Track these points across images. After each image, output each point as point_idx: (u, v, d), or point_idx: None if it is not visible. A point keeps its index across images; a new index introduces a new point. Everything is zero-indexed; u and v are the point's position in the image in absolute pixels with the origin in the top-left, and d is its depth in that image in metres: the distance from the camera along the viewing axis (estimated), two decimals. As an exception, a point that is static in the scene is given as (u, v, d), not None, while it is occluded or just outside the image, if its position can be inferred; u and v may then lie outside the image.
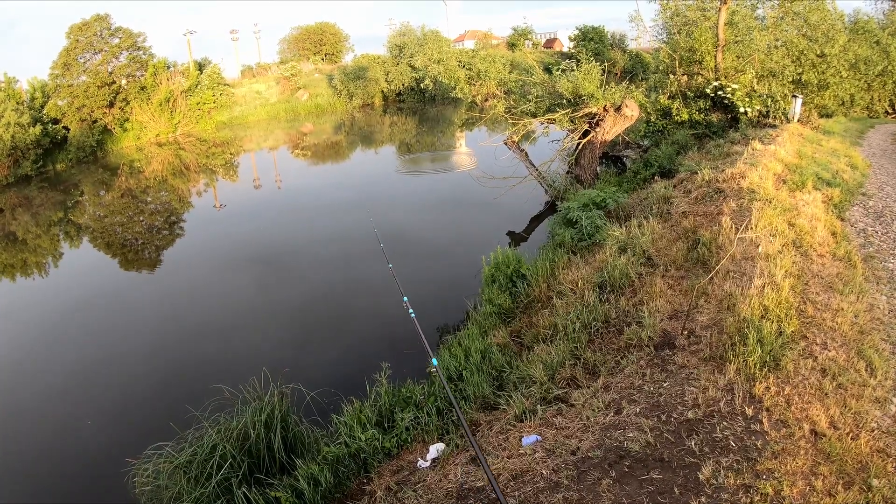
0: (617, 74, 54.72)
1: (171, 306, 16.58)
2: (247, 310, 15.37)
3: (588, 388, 6.95)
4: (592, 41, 75.17)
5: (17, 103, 48.73)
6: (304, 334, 13.36)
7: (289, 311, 14.88)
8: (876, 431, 5.35)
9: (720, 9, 24.78)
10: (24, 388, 12.80)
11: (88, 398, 12.03)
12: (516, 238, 18.36)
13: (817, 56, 25.45)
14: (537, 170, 22.79)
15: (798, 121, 22.69)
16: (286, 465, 7.44)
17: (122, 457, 7.71)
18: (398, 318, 13.40)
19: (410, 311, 7.96)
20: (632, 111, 20.73)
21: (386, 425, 7.89)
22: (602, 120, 21.00)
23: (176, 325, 15.14)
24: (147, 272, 20.34)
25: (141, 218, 28.68)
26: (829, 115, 27.57)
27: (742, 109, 22.82)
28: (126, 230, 26.62)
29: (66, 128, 52.04)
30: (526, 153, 24.34)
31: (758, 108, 23.01)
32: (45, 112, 51.54)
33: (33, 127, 46.68)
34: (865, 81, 30.88)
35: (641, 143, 25.58)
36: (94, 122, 53.89)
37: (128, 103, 56.37)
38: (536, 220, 20.05)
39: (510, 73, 27.63)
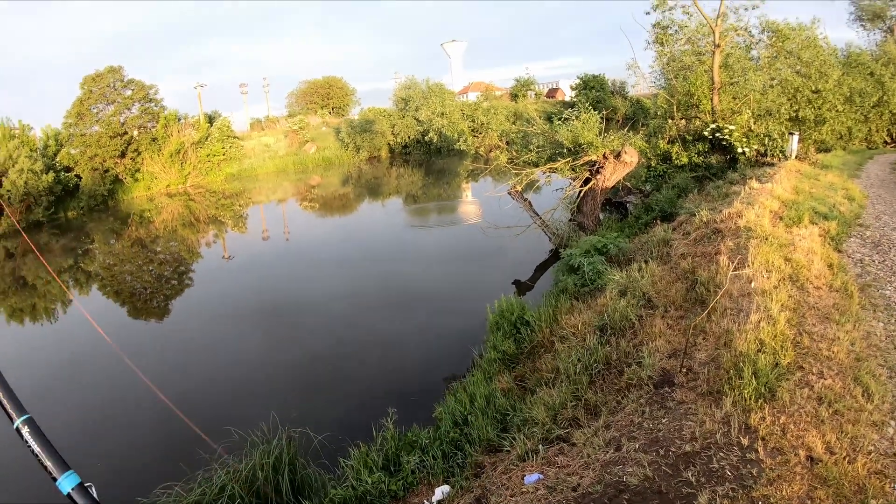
0: (619, 121, 55.20)
1: (181, 353, 16.84)
2: (255, 358, 15.56)
3: (589, 427, 7.04)
4: (594, 89, 76.01)
5: (31, 150, 49.81)
6: (312, 382, 13.49)
7: (297, 359, 15.04)
8: (873, 454, 5.42)
9: (714, 52, 25.20)
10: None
11: (98, 438, 12.16)
12: (522, 287, 18.48)
13: (812, 92, 25.78)
14: (541, 218, 23.01)
15: (796, 157, 22.93)
16: (294, 506, 7.53)
17: (132, 496, 7.80)
18: (404, 369, 13.56)
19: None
20: (631, 157, 20.97)
21: (392, 468, 7.98)
22: (602, 167, 21.23)
23: (185, 371, 15.36)
24: (155, 321, 20.59)
25: (150, 267, 29.26)
26: (827, 150, 27.80)
27: (740, 150, 23.09)
28: (136, 279, 27.13)
29: (78, 176, 53.19)
30: (529, 202, 24.62)
31: (755, 147, 23.27)
32: (58, 160, 52.78)
33: (46, 174, 47.65)
34: (862, 113, 31.19)
35: (643, 189, 25.79)
36: (106, 171, 55.16)
37: (139, 154, 57.61)
38: (541, 269, 20.17)
39: (513, 123, 28.03)
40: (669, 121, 26.56)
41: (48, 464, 1.18)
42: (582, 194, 21.82)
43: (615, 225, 20.93)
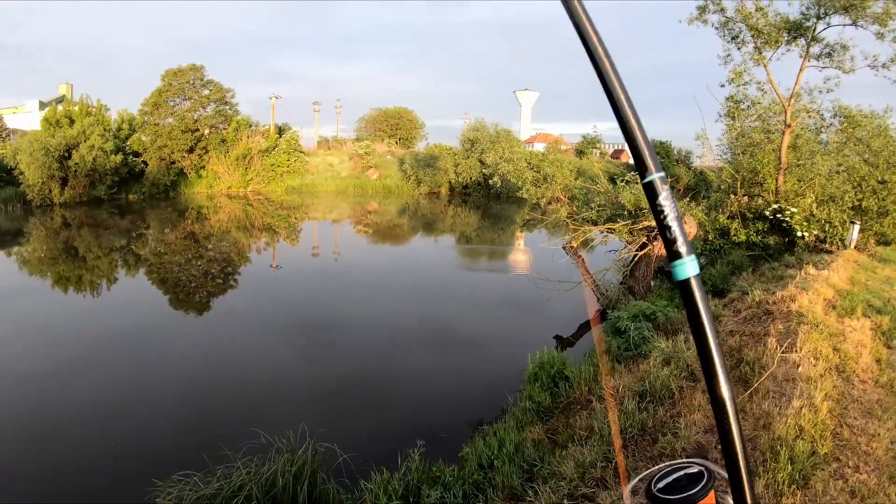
0: (680, 190, 55.01)
1: (215, 350, 17.13)
2: (290, 368, 15.76)
3: (616, 490, 7.04)
4: (658, 156, 75.42)
5: (105, 130, 52.01)
6: (343, 401, 13.58)
7: (331, 377, 15.20)
8: (899, 556, 5.38)
9: (784, 132, 25.09)
10: (62, 396, 13.30)
11: (123, 418, 12.40)
12: (563, 342, 18.41)
13: (878, 182, 25.42)
14: (592, 277, 22.96)
15: (855, 247, 22.66)
16: (307, 520, 7.58)
17: (149, 477, 7.92)
18: (435, 405, 13.59)
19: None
20: (690, 228, 20.91)
21: (412, 499, 7.99)
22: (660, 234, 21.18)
23: (219, 367, 15.64)
24: (195, 314, 21.12)
25: (199, 262, 29.99)
26: (887, 243, 27.28)
27: (800, 234, 22.88)
28: (183, 270, 27.93)
29: (145, 162, 56.31)
30: (583, 259, 24.58)
31: (815, 232, 23.05)
32: (128, 144, 55.70)
33: (115, 155, 49.87)
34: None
35: (698, 261, 25.59)
36: (172, 163, 57.93)
37: (207, 152, 60.13)
38: (585, 327, 20.03)
39: (576, 179, 28.12)
40: (732, 196, 26.44)
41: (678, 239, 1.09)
42: (636, 259, 21.78)
43: (665, 293, 20.78)
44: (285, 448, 8.28)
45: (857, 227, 23.05)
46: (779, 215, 23.56)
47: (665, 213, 1.51)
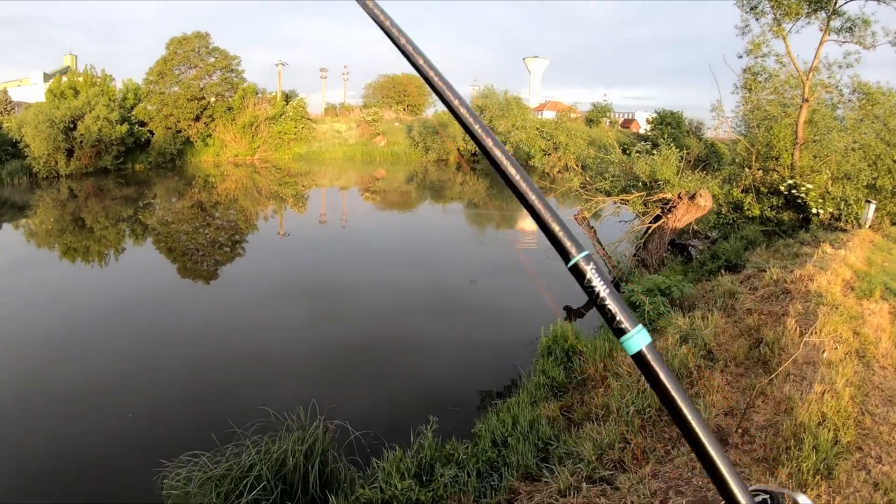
0: (690, 162, 54.67)
1: (224, 321, 17.04)
2: (299, 339, 15.63)
3: (635, 473, 6.93)
4: (670, 126, 75.33)
5: (110, 100, 51.93)
6: (352, 375, 13.45)
7: (339, 349, 15.05)
8: (923, 550, 5.29)
9: (801, 106, 24.74)
10: (67, 370, 13.31)
11: (129, 392, 12.32)
12: (573, 313, 18.29)
13: (894, 161, 25.09)
14: (604, 249, 22.79)
15: (870, 227, 22.40)
16: (318, 498, 7.45)
17: (157, 456, 7.84)
18: (445, 377, 13.48)
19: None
20: (706, 201, 20.69)
21: (424, 478, 7.86)
22: (675, 207, 20.98)
23: (226, 340, 15.55)
24: (202, 283, 21.13)
25: (206, 231, 30.05)
26: (902, 223, 27.04)
27: (815, 211, 22.63)
28: (190, 239, 27.98)
29: (151, 132, 56.25)
30: (595, 230, 24.40)
31: (830, 210, 22.81)
32: (133, 113, 55.50)
33: (121, 125, 49.80)
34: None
35: (710, 235, 25.43)
36: (179, 132, 58.03)
37: (213, 120, 60.26)
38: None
39: (587, 148, 27.86)
40: (746, 170, 26.18)
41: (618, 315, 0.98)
42: (650, 231, 21.60)
43: (679, 267, 20.59)
44: (295, 426, 8.17)
45: (872, 207, 22.76)
46: (794, 191, 23.31)
47: (597, 291, 1.31)
